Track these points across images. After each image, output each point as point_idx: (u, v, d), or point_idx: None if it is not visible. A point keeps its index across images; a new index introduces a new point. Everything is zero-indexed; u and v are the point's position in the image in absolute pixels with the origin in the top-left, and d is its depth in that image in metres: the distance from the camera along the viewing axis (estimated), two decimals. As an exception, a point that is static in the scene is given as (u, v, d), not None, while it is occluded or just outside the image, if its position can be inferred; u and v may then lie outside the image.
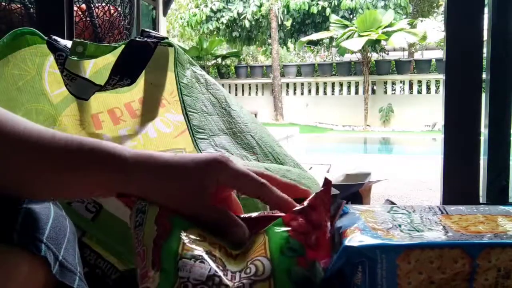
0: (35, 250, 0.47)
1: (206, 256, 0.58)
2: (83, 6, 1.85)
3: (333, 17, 10.60)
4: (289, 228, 0.62)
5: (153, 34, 0.84)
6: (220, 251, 0.61)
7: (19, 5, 1.76)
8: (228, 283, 0.56)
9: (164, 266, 0.58)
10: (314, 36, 10.76)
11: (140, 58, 0.82)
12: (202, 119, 0.83)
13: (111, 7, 1.97)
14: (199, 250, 0.59)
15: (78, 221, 0.70)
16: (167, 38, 0.86)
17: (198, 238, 0.60)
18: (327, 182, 0.66)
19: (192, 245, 0.59)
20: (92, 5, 1.88)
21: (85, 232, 0.75)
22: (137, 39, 0.82)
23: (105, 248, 0.76)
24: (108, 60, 0.87)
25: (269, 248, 0.59)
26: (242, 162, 0.81)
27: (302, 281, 0.58)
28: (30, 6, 1.77)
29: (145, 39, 0.83)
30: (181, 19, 12.27)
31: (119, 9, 2.03)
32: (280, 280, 0.57)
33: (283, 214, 0.65)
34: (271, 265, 0.57)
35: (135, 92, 0.95)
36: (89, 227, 0.73)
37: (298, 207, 0.65)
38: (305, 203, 0.64)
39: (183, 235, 0.60)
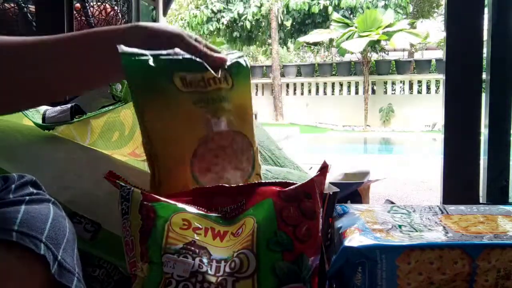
0: (35, 248, 0.47)
1: (189, 250, 0.58)
2: (78, 5, 1.83)
3: (334, 15, 10.59)
4: (279, 218, 0.60)
5: None
6: (205, 235, 0.60)
7: (12, 5, 1.76)
8: (212, 279, 0.56)
9: (152, 259, 0.58)
10: (312, 38, 10.73)
11: None
12: None
13: (107, 6, 1.96)
14: (182, 242, 0.59)
15: (77, 243, 0.70)
16: None
17: (182, 226, 0.60)
18: (324, 165, 0.64)
19: (176, 236, 0.59)
20: (87, 4, 1.87)
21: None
22: None
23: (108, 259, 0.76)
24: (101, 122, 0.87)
25: (256, 239, 0.58)
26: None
27: (287, 275, 0.58)
28: (23, 5, 1.76)
29: None
30: (182, 20, 12.26)
31: (116, 8, 2.01)
32: (264, 276, 0.57)
33: (274, 188, 0.63)
34: (256, 260, 0.57)
35: (136, 138, 0.95)
36: (88, 247, 0.73)
37: (292, 187, 0.63)
38: (299, 188, 0.62)
39: (166, 226, 0.60)
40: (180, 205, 0.63)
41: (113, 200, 0.67)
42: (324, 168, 0.64)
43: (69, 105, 0.89)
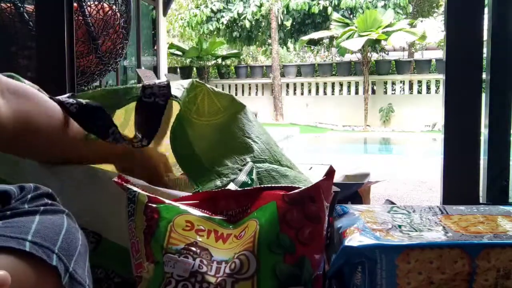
0: (47, 259, 0.47)
1: (190, 250, 0.58)
2: (75, 4, 1.83)
3: (334, 15, 10.58)
4: (282, 221, 0.60)
5: (156, 89, 0.82)
6: (208, 237, 0.61)
7: (8, 4, 1.76)
8: (211, 279, 0.57)
9: (157, 259, 0.59)
10: (315, 35, 10.74)
11: (153, 119, 0.81)
12: (193, 159, 0.84)
13: (105, 5, 1.95)
14: (184, 243, 0.59)
15: None
16: (171, 96, 0.83)
17: (184, 227, 0.60)
18: (330, 170, 0.64)
19: (178, 236, 0.60)
20: (84, 3, 1.85)
21: None
22: (144, 99, 0.82)
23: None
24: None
25: (257, 241, 0.58)
26: None
27: (288, 277, 0.58)
28: (20, 5, 1.76)
29: (152, 98, 0.81)
30: (181, 19, 12.26)
31: (114, 7, 2.00)
32: (264, 278, 0.57)
33: (279, 192, 0.63)
34: (256, 261, 0.57)
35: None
36: (91, 257, 0.74)
37: (295, 192, 0.63)
38: (304, 192, 0.62)
39: (169, 226, 0.60)
40: (183, 207, 0.63)
41: (112, 210, 0.68)
42: (330, 173, 0.64)
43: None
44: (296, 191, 0.62)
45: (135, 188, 0.63)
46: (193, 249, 0.59)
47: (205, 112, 0.88)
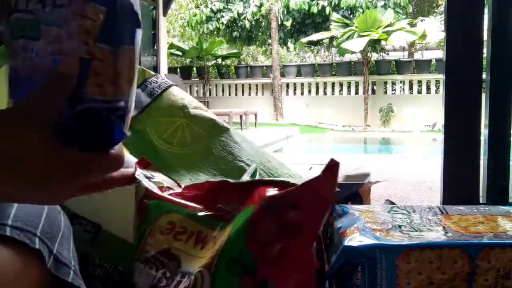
0: (29, 243, 0.47)
1: (157, 260, 0.55)
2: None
3: (334, 15, 10.59)
4: (250, 232, 0.49)
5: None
6: (186, 241, 0.55)
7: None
8: None
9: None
10: (315, 37, 10.76)
11: None
12: (182, 172, 0.84)
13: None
14: (155, 250, 0.56)
15: (78, 244, 0.70)
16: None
17: (164, 229, 0.57)
18: (331, 164, 0.49)
19: (153, 242, 0.57)
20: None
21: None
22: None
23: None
24: None
25: (218, 257, 0.49)
26: None
27: None
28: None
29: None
30: (181, 19, 12.27)
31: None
32: None
33: (273, 191, 0.54)
34: (210, 283, 0.48)
35: None
36: (89, 247, 0.73)
37: (270, 196, 0.51)
38: (284, 195, 0.51)
39: (149, 229, 0.58)
40: (174, 205, 0.60)
41: (113, 201, 0.67)
42: (331, 168, 0.49)
43: None
44: (276, 194, 0.50)
45: (140, 178, 0.59)
46: (161, 258, 0.55)
47: (188, 141, 0.90)
